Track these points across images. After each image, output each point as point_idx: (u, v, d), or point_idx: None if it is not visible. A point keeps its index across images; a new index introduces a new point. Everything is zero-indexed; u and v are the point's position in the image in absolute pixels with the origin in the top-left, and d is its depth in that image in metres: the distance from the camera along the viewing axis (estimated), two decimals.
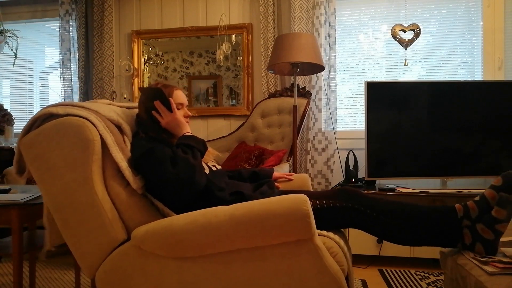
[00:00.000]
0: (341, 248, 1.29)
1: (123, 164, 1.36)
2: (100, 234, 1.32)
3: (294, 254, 1.21)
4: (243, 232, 1.20)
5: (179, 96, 1.62)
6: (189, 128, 1.57)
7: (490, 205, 1.38)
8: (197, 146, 1.46)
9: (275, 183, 1.83)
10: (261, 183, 1.69)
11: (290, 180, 1.94)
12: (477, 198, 1.42)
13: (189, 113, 1.65)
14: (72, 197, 1.32)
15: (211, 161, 1.72)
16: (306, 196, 1.20)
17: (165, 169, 1.34)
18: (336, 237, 1.32)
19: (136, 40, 3.56)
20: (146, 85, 3.57)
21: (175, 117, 1.55)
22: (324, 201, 1.45)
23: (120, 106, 1.67)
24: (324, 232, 1.33)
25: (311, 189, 1.98)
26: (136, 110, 1.67)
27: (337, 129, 3.13)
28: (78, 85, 3.55)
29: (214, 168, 1.67)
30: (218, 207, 1.28)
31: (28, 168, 1.42)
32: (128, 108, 1.70)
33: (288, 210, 1.18)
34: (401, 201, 1.52)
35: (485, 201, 1.39)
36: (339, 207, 1.44)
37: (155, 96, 1.55)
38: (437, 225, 1.42)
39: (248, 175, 1.83)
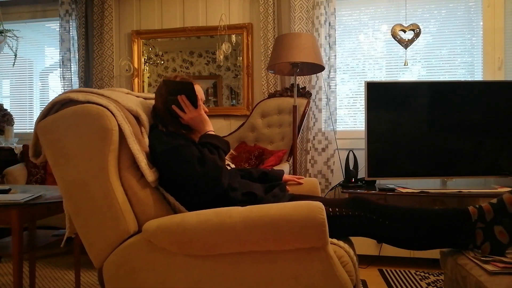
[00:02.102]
0: (350, 258, 1.28)
1: (140, 156, 1.34)
2: (111, 225, 1.31)
3: (305, 261, 1.21)
4: (257, 235, 1.20)
5: (198, 91, 1.60)
6: (212, 126, 1.56)
7: (507, 209, 1.36)
8: (222, 146, 1.45)
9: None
10: (272, 185, 1.67)
11: (300, 183, 1.92)
12: (493, 201, 1.40)
13: (207, 109, 1.63)
14: (86, 186, 1.31)
15: (226, 159, 1.70)
16: (322, 204, 1.19)
17: (193, 168, 1.33)
18: (346, 246, 1.31)
19: (136, 40, 3.56)
20: (146, 85, 3.57)
21: (200, 113, 1.52)
22: (337, 209, 1.44)
23: (137, 96, 1.66)
24: (335, 241, 1.32)
25: (320, 194, 1.97)
26: (153, 102, 1.65)
27: (337, 129, 3.13)
28: (78, 85, 3.55)
29: (228, 168, 1.66)
30: (232, 207, 1.27)
31: (43, 153, 1.40)
32: (145, 98, 1.69)
33: (304, 217, 1.17)
34: (412, 207, 1.50)
35: (502, 205, 1.37)
36: (351, 216, 1.43)
37: (182, 90, 1.50)
38: (451, 230, 1.40)
39: (258, 175, 1.82)
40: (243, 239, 1.21)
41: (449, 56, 3.13)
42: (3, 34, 3.43)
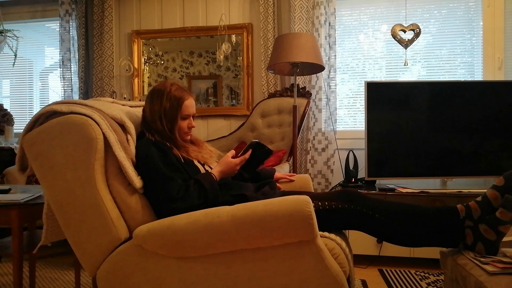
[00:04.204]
0: (342, 250, 1.29)
1: (126, 163, 1.36)
2: (101, 233, 1.32)
3: (296, 255, 1.21)
4: (245, 233, 1.20)
5: (189, 107, 1.59)
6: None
7: (492, 205, 1.37)
8: (210, 194, 1.44)
9: (277, 183, 1.82)
10: (263, 184, 1.68)
11: (292, 181, 1.93)
12: (479, 199, 1.42)
13: (194, 125, 1.64)
14: (74, 195, 1.32)
15: (215, 162, 1.71)
16: (308, 197, 1.20)
17: (171, 200, 1.38)
18: (338, 239, 1.32)
19: (136, 40, 3.56)
20: (146, 85, 3.57)
21: (238, 167, 1.59)
22: (326, 203, 1.45)
23: (123, 105, 1.67)
24: (326, 234, 1.33)
25: (313, 190, 1.98)
26: (140, 109, 1.65)
27: (337, 129, 3.12)
28: (78, 85, 3.55)
29: None
30: (220, 207, 1.28)
31: (30, 165, 1.41)
32: (131, 107, 1.70)
33: (290, 211, 1.17)
34: (402, 202, 1.51)
35: (487, 201, 1.39)
36: (341, 209, 1.44)
37: (258, 150, 1.63)
38: (439, 226, 1.41)
39: (250, 175, 1.83)
40: (232, 237, 1.21)
41: (449, 56, 3.13)
42: (3, 34, 3.43)
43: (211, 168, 1.62)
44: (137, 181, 1.38)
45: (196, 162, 1.58)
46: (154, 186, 1.40)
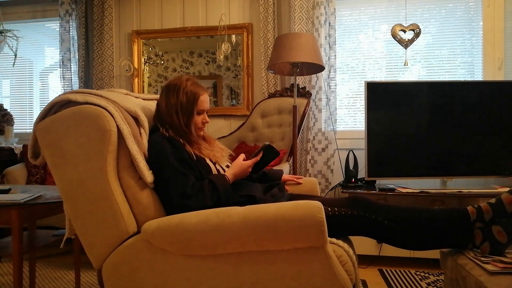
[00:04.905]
0: (349, 257, 1.28)
1: (138, 157, 1.35)
2: (110, 225, 1.32)
3: (304, 260, 1.21)
4: (256, 235, 1.20)
5: (204, 102, 1.61)
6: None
7: (505, 209, 1.36)
8: (223, 196, 1.45)
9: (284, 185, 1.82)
10: (271, 185, 1.68)
11: (299, 184, 1.92)
12: (492, 201, 1.40)
13: (208, 120, 1.65)
14: (85, 186, 1.32)
15: (226, 160, 1.71)
16: (320, 203, 1.20)
17: (182, 194, 1.38)
18: (346, 246, 1.32)
19: (136, 40, 3.56)
20: (146, 85, 3.57)
21: (249, 169, 1.60)
22: (336, 209, 1.44)
23: (136, 97, 1.66)
24: (334, 240, 1.32)
25: (319, 194, 1.98)
26: (153, 102, 1.64)
27: (337, 129, 3.12)
28: (78, 85, 3.55)
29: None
30: (231, 207, 1.28)
31: (42, 154, 1.41)
32: (144, 99, 1.69)
33: (302, 217, 1.17)
34: (411, 207, 1.50)
35: (501, 204, 1.38)
36: (350, 215, 1.43)
37: (268, 152, 1.66)
38: (449, 230, 1.41)
39: (257, 175, 1.83)
40: (242, 239, 1.21)
41: (449, 56, 3.13)
42: (3, 34, 3.43)
43: (222, 168, 1.62)
44: (149, 176, 1.37)
45: (207, 161, 1.58)
46: (167, 181, 1.39)
